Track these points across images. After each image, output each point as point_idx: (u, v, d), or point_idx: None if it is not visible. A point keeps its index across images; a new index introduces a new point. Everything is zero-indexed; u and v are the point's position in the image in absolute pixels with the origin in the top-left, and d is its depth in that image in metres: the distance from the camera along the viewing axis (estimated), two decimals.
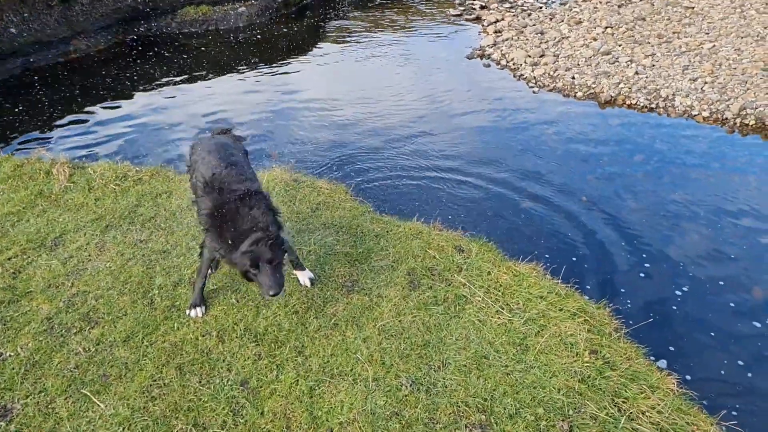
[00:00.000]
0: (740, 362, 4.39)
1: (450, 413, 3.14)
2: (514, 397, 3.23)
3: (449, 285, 4.13)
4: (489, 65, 11.54)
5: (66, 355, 3.59)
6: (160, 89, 10.18)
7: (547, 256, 5.44)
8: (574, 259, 5.48)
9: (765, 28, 10.92)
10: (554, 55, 11.05)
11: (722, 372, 4.31)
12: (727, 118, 8.19)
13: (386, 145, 7.94)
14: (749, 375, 4.29)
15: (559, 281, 4.31)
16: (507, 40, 12.30)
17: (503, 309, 3.90)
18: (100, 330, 3.79)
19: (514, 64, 11.18)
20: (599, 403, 3.19)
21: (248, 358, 3.53)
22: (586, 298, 4.15)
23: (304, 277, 4.15)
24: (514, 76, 10.77)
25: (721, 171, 7.06)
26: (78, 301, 4.05)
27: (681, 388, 3.33)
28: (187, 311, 3.90)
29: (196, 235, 4.74)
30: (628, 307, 4.81)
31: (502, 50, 11.92)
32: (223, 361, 3.53)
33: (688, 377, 4.04)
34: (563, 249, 5.63)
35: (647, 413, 3.11)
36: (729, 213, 6.12)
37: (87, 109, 9.30)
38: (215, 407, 3.22)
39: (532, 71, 10.60)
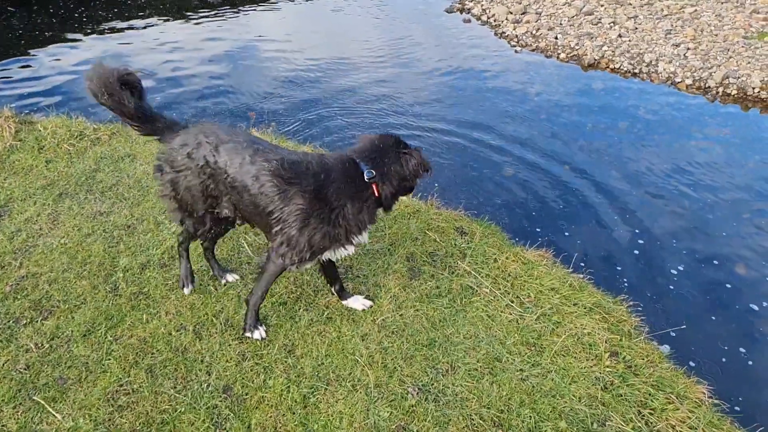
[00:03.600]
0: (742, 349, 4.22)
1: (463, 427, 2.80)
2: (532, 407, 2.91)
3: (453, 273, 3.74)
4: (469, 20, 11.03)
5: (14, 353, 3.07)
6: (112, 32, 9.28)
7: (538, 229, 5.26)
8: (566, 234, 5.26)
9: None
10: (536, 13, 10.65)
11: (724, 359, 4.12)
12: (709, 87, 8.05)
13: (363, 103, 7.57)
14: (750, 363, 4.12)
15: (570, 269, 3.98)
16: None
17: (513, 302, 3.55)
18: (55, 321, 3.27)
19: (495, 21, 10.73)
20: (625, 415, 2.89)
21: (231, 359, 3.09)
22: (601, 289, 3.82)
23: (357, 303, 3.47)
24: (496, 34, 10.34)
25: (705, 142, 6.91)
26: (28, 285, 3.50)
27: (711, 398, 3.06)
28: (248, 334, 3.20)
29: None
30: (625, 286, 4.60)
31: (482, 5, 11.41)
32: (202, 361, 3.07)
33: (692, 363, 3.85)
34: (553, 223, 5.39)
35: (677, 427, 2.84)
36: (712, 185, 5.96)
37: (31, 52, 8.36)
38: (194, 419, 2.78)
39: (514, 29, 10.19)
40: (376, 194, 2.84)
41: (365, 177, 2.79)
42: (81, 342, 3.15)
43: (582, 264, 4.31)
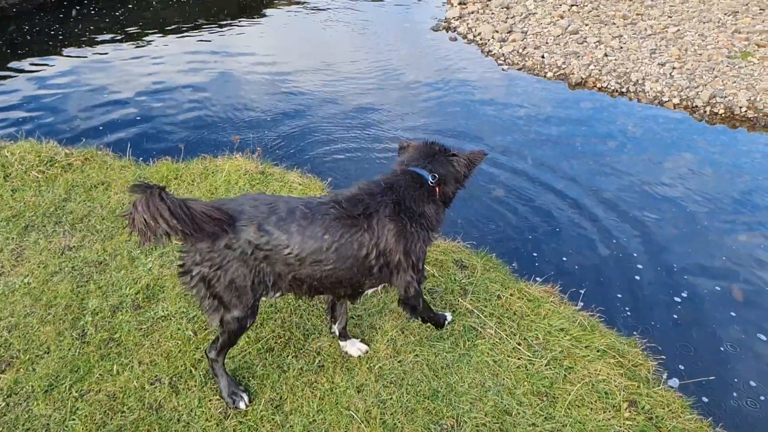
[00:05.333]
0: (753, 383, 3.99)
1: None
2: None
3: (454, 313, 3.46)
4: (455, 39, 10.95)
5: None
6: (90, 50, 8.98)
7: (535, 254, 5.06)
8: (564, 258, 5.04)
9: (725, 14, 10.85)
10: (522, 32, 10.62)
11: (735, 394, 3.89)
12: (697, 106, 7.99)
13: (349, 122, 7.36)
14: (762, 398, 3.90)
15: (578, 306, 3.72)
16: (473, 13, 11.82)
17: (521, 345, 3.27)
18: (13, 375, 2.91)
19: (481, 39, 10.68)
20: None
21: (211, 417, 2.76)
22: (615, 330, 3.56)
23: (353, 348, 3.20)
24: (482, 52, 10.26)
25: (695, 162, 6.77)
26: None
27: None
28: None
29: None
30: (627, 315, 4.38)
31: (468, 24, 11.36)
32: (179, 420, 2.74)
33: (704, 399, 3.61)
34: (548, 246, 5.17)
35: None
36: (705, 206, 5.80)
37: (2, 71, 8.00)
38: None
39: (501, 48, 10.13)
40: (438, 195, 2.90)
41: (430, 181, 2.82)
42: (42, 399, 2.80)
43: (581, 291, 4.10)
